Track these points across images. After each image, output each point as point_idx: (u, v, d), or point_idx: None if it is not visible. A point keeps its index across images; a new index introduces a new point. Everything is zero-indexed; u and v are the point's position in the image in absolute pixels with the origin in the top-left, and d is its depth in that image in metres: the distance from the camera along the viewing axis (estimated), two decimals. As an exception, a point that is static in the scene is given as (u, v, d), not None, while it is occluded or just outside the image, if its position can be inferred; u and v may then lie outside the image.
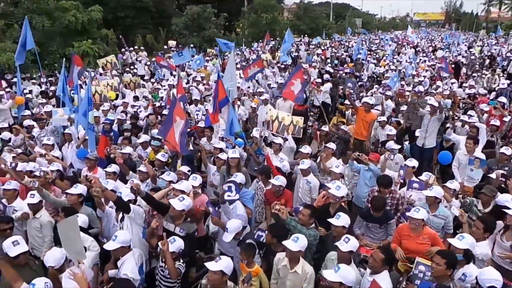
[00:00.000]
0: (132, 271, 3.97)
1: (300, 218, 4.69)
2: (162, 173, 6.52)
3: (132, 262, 4.06)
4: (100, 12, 19.80)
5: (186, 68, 17.18)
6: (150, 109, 10.05)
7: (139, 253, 4.31)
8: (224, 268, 3.58)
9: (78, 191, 5.13)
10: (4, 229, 4.65)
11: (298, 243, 3.95)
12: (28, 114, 9.49)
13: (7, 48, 15.72)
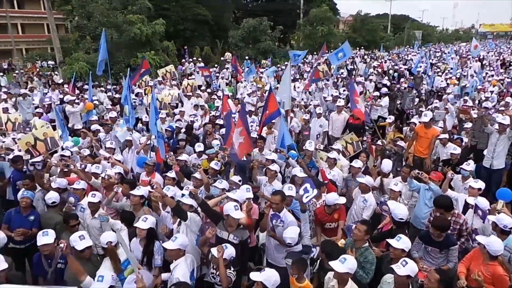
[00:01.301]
0: (183, 276, 4.06)
1: (355, 233, 4.53)
2: (215, 181, 6.69)
3: (184, 267, 4.16)
4: (163, 25, 20.91)
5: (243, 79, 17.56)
6: (206, 119, 10.38)
7: (191, 259, 4.40)
8: (264, 280, 3.57)
9: (141, 193, 5.39)
10: (73, 225, 5.02)
11: (345, 264, 3.79)
12: (95, 119, 10.20)
13: (79, 58, 17.12)
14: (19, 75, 21.27)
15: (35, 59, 36.77)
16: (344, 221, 5.60)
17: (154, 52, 19.75)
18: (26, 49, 44.01)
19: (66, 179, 6.23)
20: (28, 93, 13.31)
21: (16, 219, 5.59)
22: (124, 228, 4.95)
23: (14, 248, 5.59)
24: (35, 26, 46.89)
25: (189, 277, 4.18)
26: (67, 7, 25.61)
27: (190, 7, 33.87)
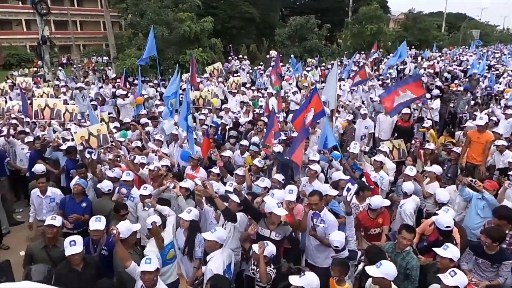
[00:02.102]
0: (217, 268, 4.11)
1: (400, 241, 4.37)
2: (257, 178, 6.73)
3: (219, 260, 4.21)
4: (211, 23, 21.29)
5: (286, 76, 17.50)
6: (248, 116, 10.43)
7: (228, 253, 4.44)
8: (305, 285, 3.52)
9: (187, 185, 5.55)
10: (123, 215, 5.28)
11: (380, 269, 3.64)
12: (144, 113, 10.62)
13: (132, 54, 17.88)
14: (76, 69, 22.65)
15: (91, 55, 39.01)
16: (388, 226, 5.42)
17: (201, 49, 20.17)
18: (84, 45, 46.78)
19: (120, 169, 6.56)
20: (84, 86, 14.10)
21: (70, 205, 5.97)
22: (173, 214, 5.11)
23: (68, 232, 6.00)
24: (92, 23, 49.65)
25: (225, 271, 4.22)
26: (122, 5, 26.81)
27: (238, 5, 34.26)
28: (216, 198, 4.84)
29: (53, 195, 6.29)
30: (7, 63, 35.03)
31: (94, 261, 4.40)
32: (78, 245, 4.11)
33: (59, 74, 21.66)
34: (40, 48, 18.45)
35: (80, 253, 4.11)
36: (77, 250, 4.07)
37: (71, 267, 4.10)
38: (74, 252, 4.04)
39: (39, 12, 17.45)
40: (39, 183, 6.27)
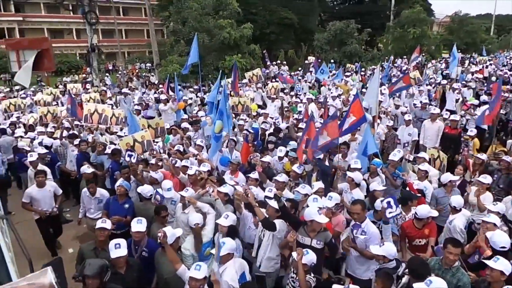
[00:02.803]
0: (232, 279, 4.09)
1: (446, 256, 4.13)
2: (296, 184, 6.66)
3: (232, 270, 4.18)
4: (250, 29, 21.52)
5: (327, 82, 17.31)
6: (288, 122, 10.39)
7: (239, 263, 4.39)
8: None
9: (226, 190, 5.60)
10: (163, 216, 5.40)
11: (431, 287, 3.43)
12: (185, 118, 10.88)
13: (173, 61, 18.45)
14: (121, 75, 23.67)
15: (135, 61, 40.64)
16: (434, 238, 5.15)
17: (241, 55, 20.44)
18: (128, 52, 48.81)
19: (161, 171, 6.74)
20: (128, 92, 14.69)
21: (113, 206, 6.21)
22: (212, 212, 5.17)
23: (112, 233, 6.24)
24: (136, 31, 51.75)
25: (239, 280, 4.18)
26: (164, 14, 27.75)
27: (276, 11, 34.41)
28: (256, 207, 4.82)
29: (101, 196, 6.58)
30: (58, 70, 37.26)
31: (137, 264, 4.47)
32: (123, 248, 4.18)
33: (106, 80, 22.71)
34: (89, 56, 19.46)
35: (124, 256, 4.17)
36: (122, 253, 4.15)
37: (115, 270, 4.17)
38: (119, 255, 4.13)
39: (89, 21, 18.42)
40: (90, 188, 6.59)
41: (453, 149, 8.95)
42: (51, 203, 6.68)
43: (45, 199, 6.61)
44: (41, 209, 6.57)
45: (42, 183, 6.59)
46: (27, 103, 14.03)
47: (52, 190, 6.70)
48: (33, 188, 6.61)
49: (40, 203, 6.58)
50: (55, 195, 6.81)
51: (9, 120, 11.77)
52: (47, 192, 6.63)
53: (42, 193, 6.59)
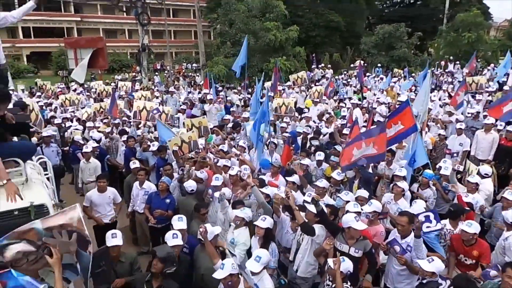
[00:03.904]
0: (273, 286, 4.09)
1: (505, 281, 3.77)
2: (336, 190, 6.54)
3: (268, 277, 4.17)
4: (296, 31, 21.45)
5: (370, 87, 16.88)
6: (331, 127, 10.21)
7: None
8: None
9: (268, 191, 5.63)
10: (203, 214, 5.52)
11: None
12: (228, 119, 11.04)
13: (219, 62, 18.79)
14: (168, 75, 24.48)
15: (181, 62, 41.87)
16: (487, 262, 4.76)
17: (285, 58, 20.42)
18: (176, 53, 50.35)
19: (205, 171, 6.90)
20: (175, 91, 15.16)
21: (155, 200, 6.46)
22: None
23: (153, 227, 6.46)
24: (184, 32, 53.28)
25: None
26: (212, 16, 28.34)
27: (323, 14, 34.04)
28: (296, 211, 4.78)
29: (148, 188, 6.83)
30: (110, 68, 39.19)
31: (187, 260, 4.62)
32: (179, 238, 4.44)
33: (155, 79, 23.58)
34: (140, 55, 20.35)
35: (179, 245, 4.45)
36: (179, 241, 4.43)
37: None
38: (176, 243, 4.37)
39: (141, 22, 19.27)
40: (139, 175, 6.88)
41: (509, 163, 8.38)
42: (109, 209, 6.53)
43: (104, 205, 6.47)
44: (99, 215, 6.45)
45: (103, 188, 6.44)
46: (81, 98, 14.89)
47: (112, 197, 6.55)
48: (93, 192, 6.51)
49: (99, 208, 6.45)
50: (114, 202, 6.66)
51: (64, 114, 12.56)
52: (106, 198, 6.48)
53: (102, 198, 6.45)
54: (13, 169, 3.30)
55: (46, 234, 2.90)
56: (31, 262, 2.87)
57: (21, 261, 2.84)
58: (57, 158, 9.00)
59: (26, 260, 2.86)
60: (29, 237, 2.86)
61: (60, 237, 2.93)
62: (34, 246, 2.88)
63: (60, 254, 2.92)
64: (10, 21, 4.41)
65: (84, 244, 3.05)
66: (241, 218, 4.98)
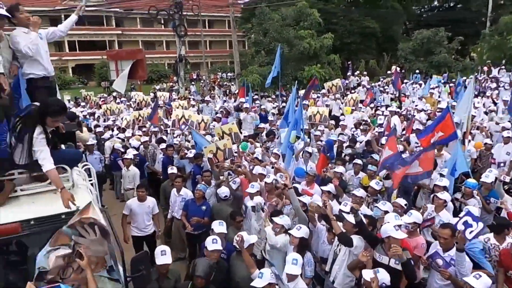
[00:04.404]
0: None
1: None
2: (374, 200, 6.38)
3: (304, 284, 4.19)
4: (331, 39, 21.32)
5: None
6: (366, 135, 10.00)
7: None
8: None
9: (304, 200, 5.61)
10: (239, 221, 5.57)
11: None
12: (263, 127, 11.10)
13: (254, 71, 19.00)
14: (204, 84, 25.02)
15: (216, 71, 42.69)
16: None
17: (320, 65, 20.33)
18: (211, 62, 51.39)
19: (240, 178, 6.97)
20: (210, 100, 15.46)
21: (192, 207, 6.58)
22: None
23: (189, 233, 6.57)
24: (219, 43, 54.37)
25: None
26: (247, 26, 28.75)
27: (358, 20, 33.57)
28: (333, 221, 4.70)
29: (185, 195, 7.00)
30: (149, 78, 40.61)
31: (225, 266, 4.67)
32: (219, 243, 4.51)
33: (191, 88, 24.21)
34: (177, 65, 20.96)
35: (220, 250, 4.51)
36: (219, 246, 4.50)
37: None
38: (215, 248, 4.46)
39: (178, 34, 19.87)
40: (176, 182, 7.06)
41: None
42: (148, 219, 6.59)
43: (143, 214, 6.53)
44: (136, 225, 6.55)
45: (143, 197, 6.54)
46: (121, 108, 15.52)
47: (151, 207, 6.61)
48: (134, 201, 6.61)
49: (137, 218, 6.52)
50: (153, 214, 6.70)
51: (106, 123, 13.13)
52: (146, 207, 6.55)
53: (141, 207, 6.52)
54: (61, 175, 3.49)
55: (73, 232, 2.97)
56: (77, 271, 2.96)
57: (67, 271, 2.96)
58: (100, 165, 9.40)
59: (71, 269, 2.96)
60: (62, 241, 2.95)
61: (85, 231, 2.99)
62: (69, 248, 2.97)
63: (94, 255, 3.02)
64: (59, 35, 4.67)
65: (105, 236, 3.09)
66: (280, 226, 4.97)
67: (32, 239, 3.24)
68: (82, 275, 2.99)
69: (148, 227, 6.62)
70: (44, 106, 3.35)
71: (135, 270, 3.36)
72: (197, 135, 8.88)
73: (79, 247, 2.99)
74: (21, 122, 3.18)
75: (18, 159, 3.22)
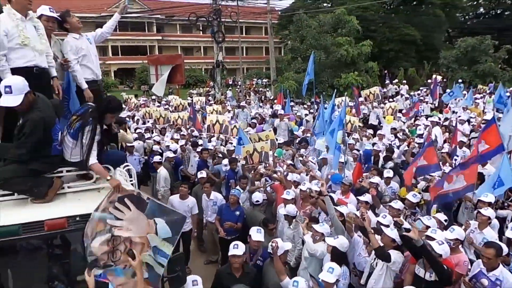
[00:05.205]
0: None
1: None
2: (412, 213, 6.16)
3: None
4: (369, 46, 20.96)
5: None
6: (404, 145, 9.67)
7: None
8: None
9: (342, 210, 5.48)
10: (271, 229, 5.56)
11: None
12: (297, 134, 11.06)
13: (289, 77, 19.02)
14: (240, 90, 25.29)
15: (252, 77, 43.05)
16: None
17: (357, 73, 20.03)
18: (247, 68, 51.91)
19: (273, 186, 6.95)
20: (245, 105, 15.58)
21: (226, 212, 6.62)
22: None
23: (223, 238, 6.61)
24: (255, 49, 54.84)
25: None
26: (284, 32, 28.85)
27: (398, 28, 32.80)
28: (371, 234, 4.59)
29: (215, 199, 7.08)
30: (186, 83, 41.55)
31: (253, 272, 4.65)
32: (240, 249, 4.48)
33: (228, 93, 24.53)
34: (214, 71, 21.34)
35: (240, 256, 4.43)
36: (239, 252, 4.43)
37: (230, 271, 4.46)
38: (235, 253, 4.42)
39: (216, 40, 20.24)
40: (204, 187, 7.15)
41: None
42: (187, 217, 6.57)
43: (182, 212, 6.90)
44: None
45: (185, 194, 6.73)
46: (159, 111, 15.92)
47: (191, 207, 6.77)
48: (175, 197, 6.86)
49: None
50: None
51: (145, 125, 13.51)
52: (186, 205, 6.70)
53: (182, 205, 6.67)
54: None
55: (108, 216, 3.06)
56: (126, 253, 3.06)
57: (116, 254, 3.06)
58: (139, 166, 9.69)
59: (119, 251, 3.06)
60: (99, 228, 3.05)
61: (118, 211, 3.07)
62: (107, 233, 3.06)
63: (137, 234, 3.07)
64: (106, 36, 4.89)
65: (141, 204, 3.15)
66: (320, 233, 4.91)
67: (75, 235, 3.36)
68: (131, 255, 3.08)
69: (185, 224, 6.67)
70: (106, 103, 3.55)
71: (171, 270, 3.42)
72: (243, 132, 9.00)
73: (118, 230, 3.07)
74: (80, 119, 3.32)
75: (69, 156, 3.38)
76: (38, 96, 3.23)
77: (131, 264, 3.01)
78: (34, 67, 3.67)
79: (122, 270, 3.05)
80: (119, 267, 3.04)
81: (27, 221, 2.97)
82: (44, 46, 3.80)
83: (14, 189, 3.14)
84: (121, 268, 3.05)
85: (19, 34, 3.54)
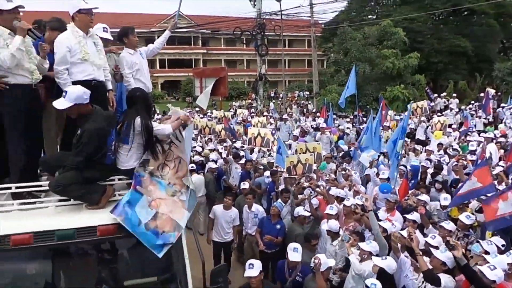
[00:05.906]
0: None
1: None
2: (464, 235, 5.81)
3: None
4: (417, 58, 20.31)
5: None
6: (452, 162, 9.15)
7: None
8: None
9: (386, 226, 5.32)
10: (314, 245, 5.47)
11: None
12: (342, 148, 10.86)
13: (332, 90, 18.83)
14: (282, 102, 25.34)
15: (294, 89, 43.09)
16: None
17: (403, 86, 19.43)
18: (289, 81, 52.04)
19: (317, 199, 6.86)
20: (287, 118, 15.57)
21: (266, 225, 6.59)
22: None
23: (262, 251, 6.57)
24: (298, 62, 54.91)
25: None
26: (327, 45, 28.68)
27: (447, 39, 31.48)
28: (419, 256, 4.36)
29: (256, 211, 7.07)
30: (229, 95, 42.31)
31: None
32: (255, 269, 4.34)
33: (270, 105, 24.69)
34: (256, 83, 21.58)
35: (256, 276, 4.29)
36: (254, 273, 4.30)
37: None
38: (250, 275, 4.31)
39: (260, 53, 20.50)
40: (247, 199, 7.17)
41: None
42: (228, 227, 6.83)
43: (224, 222, 6.78)
44: (217, 231, 6.84)
45: (229, 205, 6.85)
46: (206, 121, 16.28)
47: (233, 217, 6.85)
48: (219, 207, 6.92)
49: (218, 224, 6.81)
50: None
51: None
52: (228, 216, 6.79)
53: (224, 215, 6.78)
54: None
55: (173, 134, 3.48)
56: (173, 171, 3.38)
57: (165, 168, 3.37)
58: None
59: (168, 167, 3.38)
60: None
61: (180, 135, 3.54)
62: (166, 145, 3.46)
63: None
64: (156, 51, 5.23)
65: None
66: (368, 252, 4.77)
67: (123, 242, 3.50)
68: (177, 175, 3.37)
69: (227, 235, 6.89)
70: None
71: (214, 282, 3.45)
72: (282, 143, 9.02)
73: (175, 148, 3.46)
74: (124, 121, 3.48)
75: (121, 164, 3.53)
76: (95, 108, 3.42)
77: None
78: (93, 80, 3.92)
79: (166, 185, 3.29)
80: (163, 181, 3.28)
81: (81, 226, 3.13)
82: (102, 61, 4.06)
83: (70, 195, 3.32)
84: (165, 184, 3.28)
85: (80, 50, 3.80)
